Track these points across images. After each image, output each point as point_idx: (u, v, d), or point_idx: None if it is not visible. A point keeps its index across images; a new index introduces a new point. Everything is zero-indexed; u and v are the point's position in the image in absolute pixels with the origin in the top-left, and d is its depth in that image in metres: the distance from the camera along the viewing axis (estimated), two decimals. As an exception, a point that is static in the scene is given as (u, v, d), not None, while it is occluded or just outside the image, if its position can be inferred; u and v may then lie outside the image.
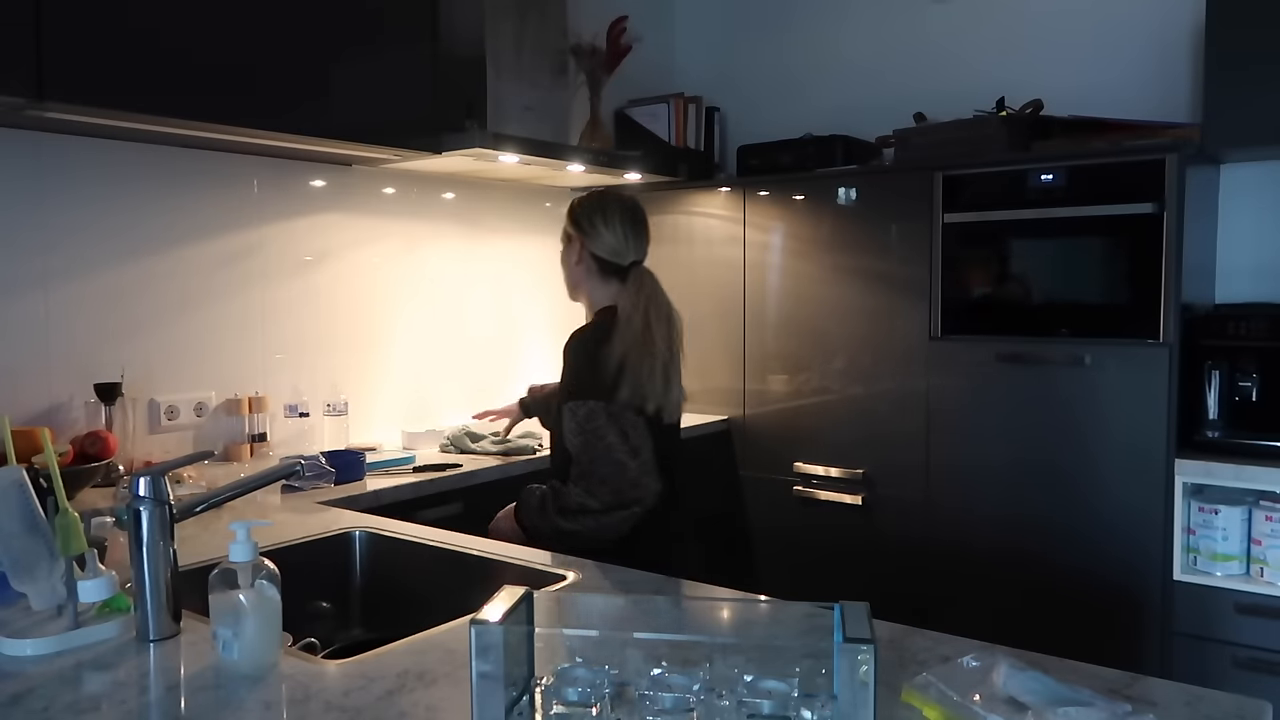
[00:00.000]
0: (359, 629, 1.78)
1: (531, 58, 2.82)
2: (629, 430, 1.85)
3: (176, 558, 1.24)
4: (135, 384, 2.29)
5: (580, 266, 2.01)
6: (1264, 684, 2.29)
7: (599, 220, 1.99)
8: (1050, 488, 2.59)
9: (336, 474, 2.20)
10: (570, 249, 2.03)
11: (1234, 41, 2.40)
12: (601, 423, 1.84)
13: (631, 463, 1.83)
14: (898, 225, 2.82)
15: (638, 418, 1.87)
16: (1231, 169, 2.77)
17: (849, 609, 0.88)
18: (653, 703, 0.91)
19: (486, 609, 0.90)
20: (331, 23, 2.28)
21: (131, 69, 1.93)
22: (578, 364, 1.92)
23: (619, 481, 1.82)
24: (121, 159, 2.28)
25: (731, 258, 3.16)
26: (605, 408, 1.84)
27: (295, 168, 2.63)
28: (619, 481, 1.82)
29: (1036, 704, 0.95)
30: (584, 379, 1.89)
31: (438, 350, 3.04)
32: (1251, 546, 2.34)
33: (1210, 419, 2.43)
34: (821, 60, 3.50)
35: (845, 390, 2.95)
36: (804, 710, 0.89)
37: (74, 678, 1.11)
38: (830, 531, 2.98)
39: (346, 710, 1.02)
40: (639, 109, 3.47)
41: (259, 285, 2.58)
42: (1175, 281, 2.40)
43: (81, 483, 1.99)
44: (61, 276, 2.20)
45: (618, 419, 1.84)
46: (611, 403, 1.85)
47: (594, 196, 2.06)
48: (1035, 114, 2.81)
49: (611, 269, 1.99)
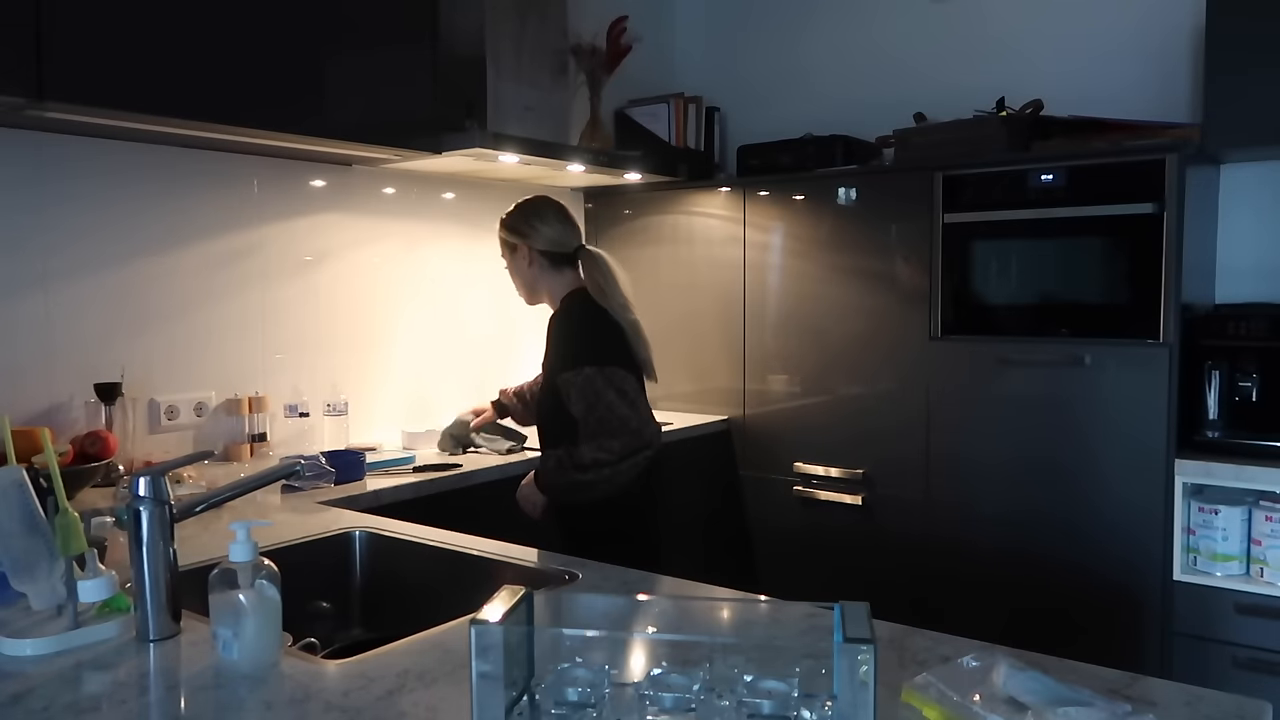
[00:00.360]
0: (359, 629, 1.78)
1: (531, 58, 2.82)
2: (625, 386, 2.04)
3: (176, 558, 1.24)
4: (135, 384, 2.29)
5: (533, 268, 2.19)
6: (1264, 684, 2.29)
7: (533, 220, 2.19)
8: (1050, 487, 2.59)
9: (336, 474, 2.20)
10: (517, 257, 2.21)
11: (1234, 42, 2.40)
12: (600, 384, 2.02)
13: (633, 415, 2.02)
14: (898, 225, 2.82)
15: (628, 374, 2.07)
16: (1231, 169, 2.77)
17: (849, 609, 0.88)
18: (653, 703, 0.91)
19: (486, 609, 0.90)
20: (332, 23, 2.28)
21: (131, 69, 1.92)
22: (565, 337, 2.11)
23: (625, 434, 2.00)
24: (121, 159, 2.28)
25: (731, 258, 3.16)
26: (599, 371, 2.02)
27: (295, 168, 2.63)
28: (625, 434, 2.00)
29: (1036, 704, 0.95)
30: (574, 348, 2.08)
31: (438, 350, 3.04)
32: (1251, 546, 2.34)
33: (1210, 419, 2.43)
34: (821, 60, 3.50)
35: (845, 390, 2.95)
36: (804, 710, 0.89)
37: (74, 678, 1.11)
38: (830, 531, 2.98)
39: (346, 710, 1.02)
40: (639, 109, 3.47)
41: (259, 285, 2.58)
42: (1175, 281, 2.40)
43: (81, 483, 1.99)
44: (62, 276, 2.21)
45: (611, 378, 2.03)
46: (602, 366, 2.03)
47: (517, 206, 2.23)
48: (1035, 114, 2.81)
49: (561, 258, 2.19)
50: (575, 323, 2.12)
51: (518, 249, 2.20)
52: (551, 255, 2.19)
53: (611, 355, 2.07)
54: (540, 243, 2.18)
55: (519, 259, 2.21)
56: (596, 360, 2.03)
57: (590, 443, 2.01)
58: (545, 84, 2.88)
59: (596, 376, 2.02)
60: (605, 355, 2.05)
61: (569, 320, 2.14)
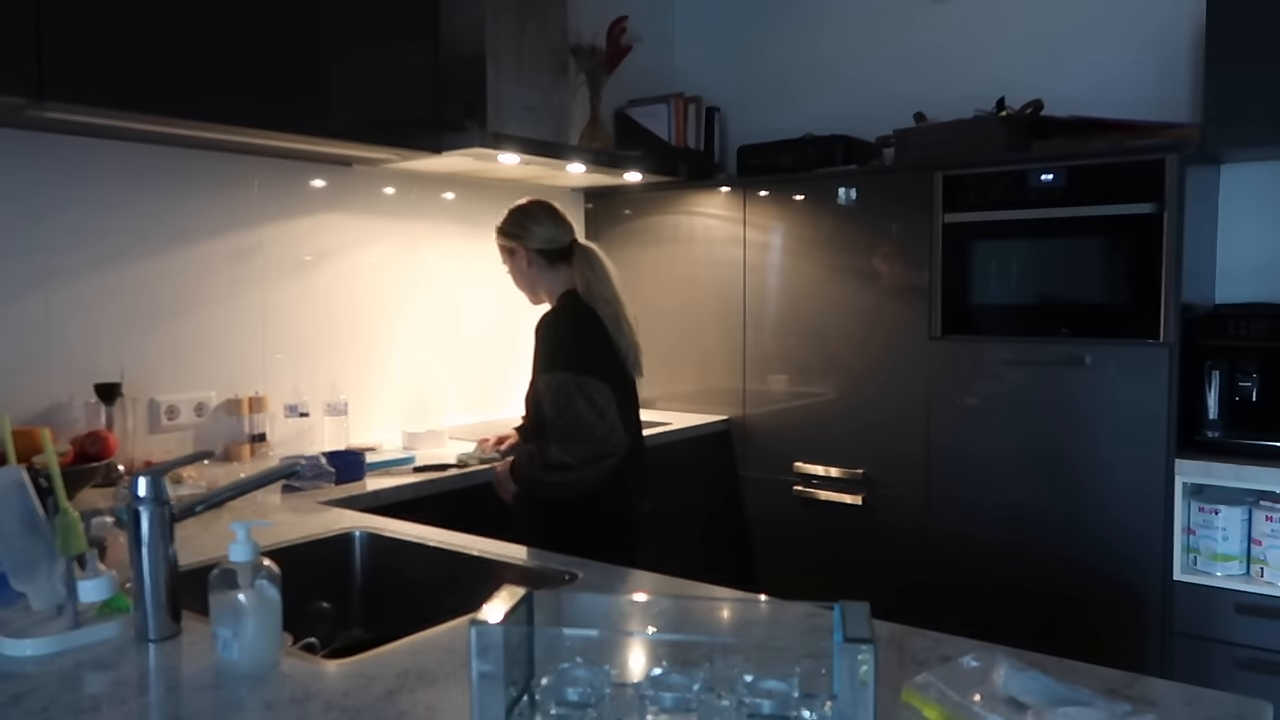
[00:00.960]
0: (359, 629, 1.78)
1: (531, 58, 2.82)
2: (595, 395, 2.10)
3: (176, 558, 1.24)
4: (135, 384, 2.29)
5: (532, 268, 2.26)
6: (1264, 684, 2.29)
7: (525, 222, 2.25)
8: (1050, 487, 2.59)
9: (336, 474, 2.19)
10: (516, 259, 2.27)
11: (1234, 41, 2.40)
12: (572, 390, 2.09)
13: (599, 423, 2.08)
14: (898, 225, 2.82)
15: (601, 383, 2.12)
16: (1231, 169, 2.77)
17: (849, 609, 0.88)
18: (653, 703, 0.91)
19: (486, 609, 0.90)
20: (332, 23, 2.28)
21: (131, 69, 1.93)
22: (548, 340, 2.17)
23: (590, 440, 2.08)
24: (121, 159, 2.28)
25: (732, 258, 3.16)
26: (572, 377, 2.09)
27: (295, 168, 2.63)
28: (590, 440, 2.08)
29: (1036, 704, 0.95)
30: (554, 351, 2.15)
31: (438, 350, 3.04)
32: (1251, 546, 2.34)
33: (1210, 419, 2.43)
34: (822, 60, 3.50)
35: (845, 390, 2.95)
36: (804, 710, 0.88)
37: (74, 678, 1.11)
38: (830, 531, 2.98)
39: (346, 710, 1.02)
40: (639, 109, 3.47)
41: (259, 285, 2.58)
42: (1175, 281, 2.40)
43: (81, 483, 1.99)
44: (62, 276, 2.21)
45: (583, 386, 2.09)
46: (576, 373, 2.09)
47: (510, 211, 2.29)
48: (1035, 114, 2.81)
49: (556, 255, 2.25)
50: (558, 326, 2.19)
51: (515, 252, 2.27)
52: (547, 253, 2.25)
53: (588, 363, 2.12)
54: (535, 242, 2.24)
55: (518, 261, 2.27)
56: (572, 366, 2.11)
57: (557, 445, 2.09)
58: (545, 84, 2.88)
59: (569, 382, 2.09)
60: (582, 363, 2.12)
61: (554, 323, 2.20)
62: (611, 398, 2.14)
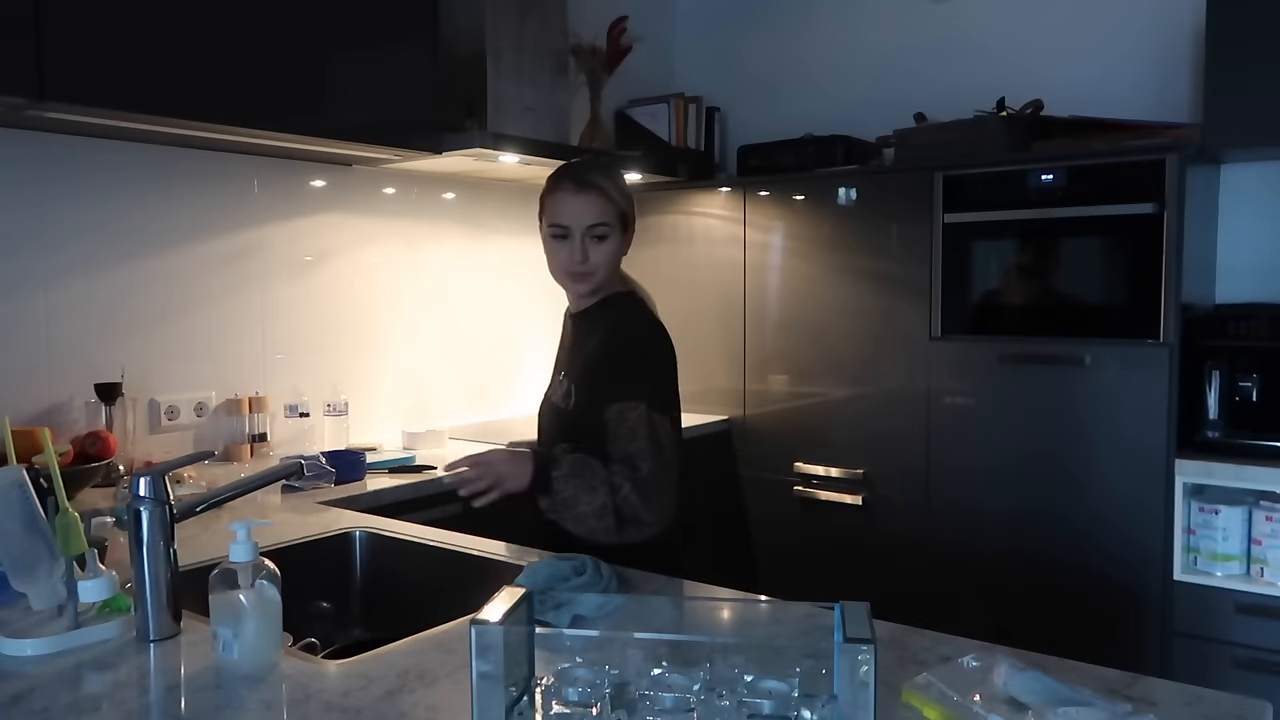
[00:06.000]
0: (359, 629, 1.78)
1: (531, 58, 2.82)
2: (665, 441, 1.62)
3: (176, 558, 1.24)
4: (135, 384, 2.29)
5: (624, 254, 1.78)
6: (1264, 684, 2.29)
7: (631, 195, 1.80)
8: (1050, 487, 2.59)
9: (336, 474, 2.19)
10: (626, 238, 1.77)
11: (1234, 41, 2.40)
12: (665, 430, 1.62)
13: (675, 479, 1.63)
14: (898, 225, 2.82)
15: (673, 427, 1.67)
16: (1231, 169, 2.77)
17: (849, 609, 0.88)
18: (653, 703, 0.91)
19: (486, 609, 0.90)
20: (331, 23, 2.27)
21: (132, 69, 1.92)
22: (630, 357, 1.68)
23: (669, 496, 1.61)
24: (121, 159, 2.28)
25: (732, 258, 3.16)
26: (649, 412, 1.61)
27: (295, 168, 2.63)
28: (669, 496, 1.61)
29: (1036, 704, 0.95)
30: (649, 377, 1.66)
31: (438, 350, 3.04)
32: (1251, 546, 2.34)
33: (1210, 419, 2.43)
34: (822, 60, 3.50)
35: (845, 390, 2.95)
36: (804, 710, 0.89)
37: (74, 678, 1.11)
38: (830, 531, 2.98)
39: (346, 710, 1.02)
40: (639, 109, 3.47)
41: (259, 285, 2.58)
42: (1175, 281, 2.40)
43: (82, 483, 1.99)
44: (61, 276, 2.20)
45: (657, 429, 1.61)
46: (654, 411, 1.62)
47: (620, 173, 1.84)
48: (1035, 114, 2.81)
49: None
50: (651, 342, 1.71)
51: (628, 230, 1.77)
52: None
53: (668, 398, 1.68)
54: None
55: (625, 242, 1.77)
56: (664, 404, 1.65)
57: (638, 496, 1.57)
58: (545, 84, 2.88)
59: (664, 422, 1.63)
60: (672, 399, 1.69)
61: (646, 338, 1.72)
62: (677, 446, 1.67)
